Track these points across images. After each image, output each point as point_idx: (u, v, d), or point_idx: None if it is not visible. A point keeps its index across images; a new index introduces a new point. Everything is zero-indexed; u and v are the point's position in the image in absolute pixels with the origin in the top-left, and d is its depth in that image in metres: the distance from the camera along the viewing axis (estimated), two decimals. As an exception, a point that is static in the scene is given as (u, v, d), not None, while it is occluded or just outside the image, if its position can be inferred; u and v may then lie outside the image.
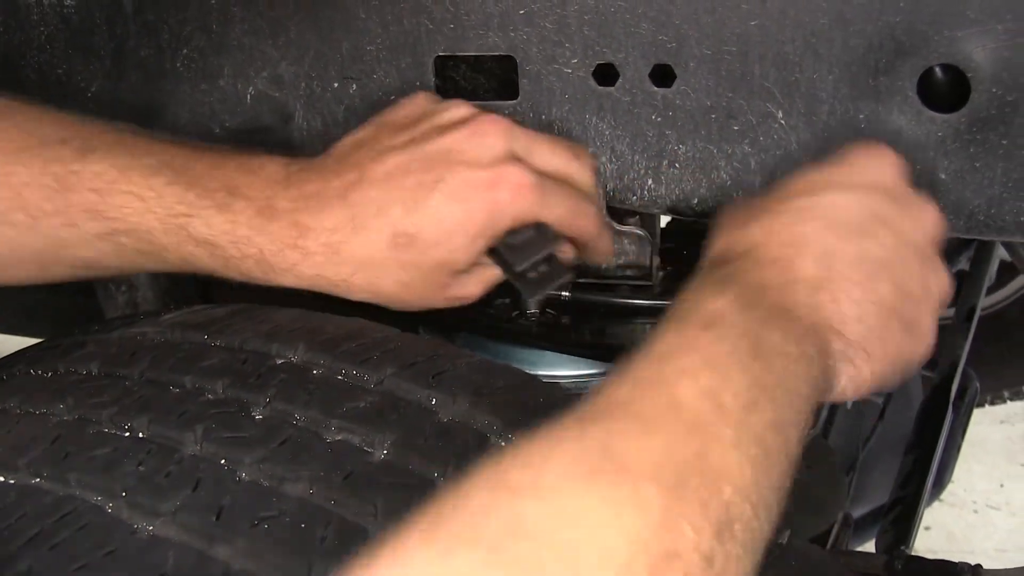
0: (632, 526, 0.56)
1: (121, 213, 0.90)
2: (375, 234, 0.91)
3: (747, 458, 0.64)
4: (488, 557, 0.54)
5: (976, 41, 0.89)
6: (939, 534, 2.66)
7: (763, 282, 0.77)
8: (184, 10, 1.05)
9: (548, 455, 0.60)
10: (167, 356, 0.89)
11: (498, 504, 0.57)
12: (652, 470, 0.59)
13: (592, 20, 0.96)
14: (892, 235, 0.82)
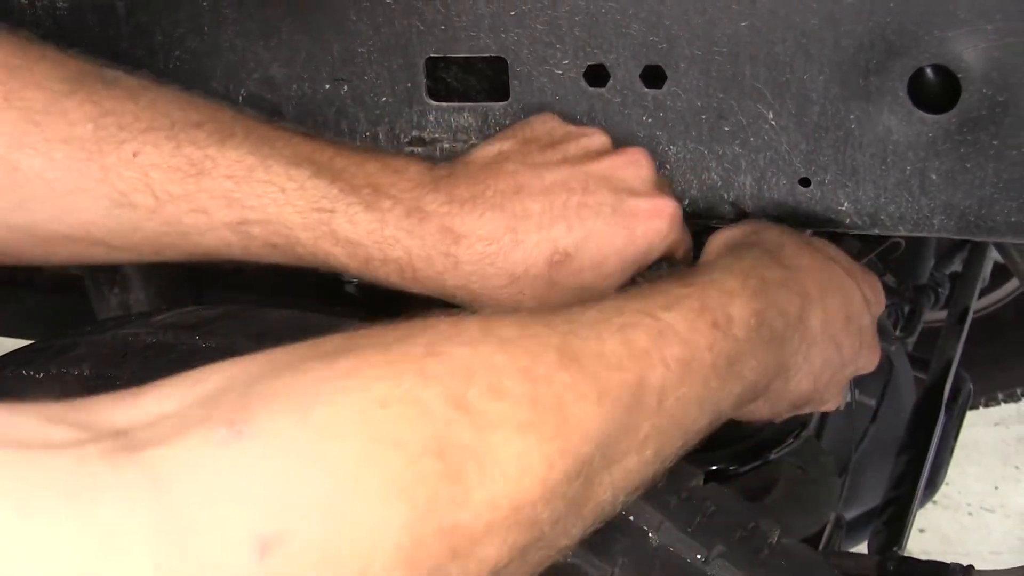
0: (516, 470, 0.60)
1: (259, 203, 0.86)
2: (536, 249, 0.89)
3: (640, 456, 0.70)
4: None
5: (966, 41, 0.89)
6: (934, 536, 2.67)
7: (784, 308, 0.86)
8: (176, 12, 1.05)
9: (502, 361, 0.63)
10: (158, 357, 0.89)
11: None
12: (580, 436, 0.64)
13: (583, 21, 0.96)
14: (854, 354, 0.97)
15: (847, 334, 0.94)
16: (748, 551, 0.79)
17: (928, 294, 1.75)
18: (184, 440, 0.52)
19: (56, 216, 0.85)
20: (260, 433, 0.53)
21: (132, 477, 0.49)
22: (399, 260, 0.88)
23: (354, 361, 0.60)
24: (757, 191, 0.99)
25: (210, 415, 0.54)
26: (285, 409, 0.55)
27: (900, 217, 0.97)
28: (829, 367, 0.93)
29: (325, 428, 0.55)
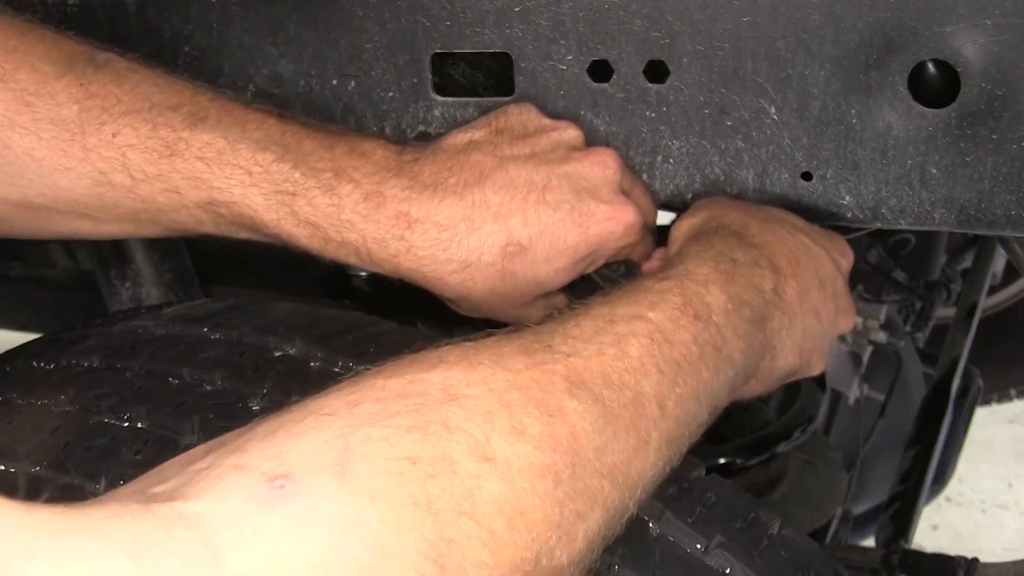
0: (539, 519, 0.62)
1: (226, 184, 0.90)
2: (489, 238, 0.91)
3: (654, 469, 0.72)
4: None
5: (965, 36, 0.89)
6: (947, 533, 2.66)
7: (760, 286, 0.87)
8: (185, 9, 1.06)
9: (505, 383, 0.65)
10: (167, 349, 0.90)
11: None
12: (590, 468, 0.65)
13: (586, 17, 0.97)
14: (832, 316, 0.97)
15: (823, 300, 0.95)
16: (748, 541, 0.79)
17: (939, 290, 1.75)
18: (224, 493, 0.53)
19: (44, 192, 0.89)
20: (302, 493, 0.54)
21: (185, 540, 0.50)
22: (355, 243, 0.91)
23: (375, 406, 0.61)
24: (759, 185, 1.00)
25: (244, 463, 0.55)
26: (322, 462, 0.56)
27: (901, 211, 0.97)
28: (811, 336, 0.94)
29: (364, 489, 0.56)
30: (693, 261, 0.85)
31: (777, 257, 0.91)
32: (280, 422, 0.60)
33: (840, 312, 0.99)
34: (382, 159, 0.92)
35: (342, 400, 0.61)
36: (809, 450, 1.36)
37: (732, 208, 0.97)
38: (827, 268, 0.96)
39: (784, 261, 0.92)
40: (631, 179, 0.99)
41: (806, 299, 0.93)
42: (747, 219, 0.94)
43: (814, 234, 0.98)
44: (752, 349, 0.85)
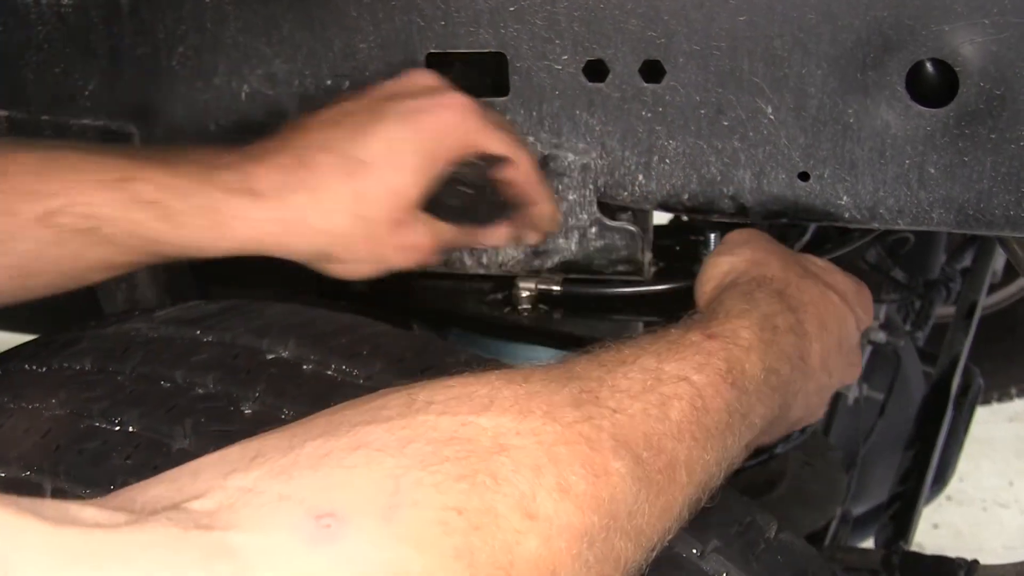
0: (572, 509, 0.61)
1: (61, 187, 0.88)
2: (326, 166, 0.91)
3: (669, 529, 0.71)
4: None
5: (964, 35, 0.89)
6: (947, 532, 2.66)
7: (790, 355, 0.87)
8: (179, 8, 1.05)
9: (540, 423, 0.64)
10: (159, 351, 0.89)
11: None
12: (618, 528, 0.65)
13: (582, 16, 0.96)
14: (840, 372, 0.98)
15: (838, 360, 0.96)
16: (744, 546, 0.78)
17: (939, 289, 1.75)
18: (269, 527, 0.52)
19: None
20: (349, 535, 0.53)
21: (220, 569, 0.49)
22: (204, 207, 0.90)
23: (426, 447, 0.60)
24: (756, 185, 0.99)
25: (289, 494, 0.54)
26: (372, 504, 0.55)
27: (899, 211, 0.97)
28: (821, 393, 0.95)
29: (410, 537, 0.55)
30: (739, 321, 0.84)
31: (809, 320, 0.91)
32: (329, 448, 0.58)
33: (849, 367, 0.99)
34: (216, 150, 0.94)
35: (393, 435, 0.60)
36: (808, 450, 1.36)
37: (772, 256, 0.96)
38: (849, 329, 0.97)
39: (814, 325, 0.92)
40: (456, 89, 0.98)
41: (825, 361, 0.93)
42: (788, 275, 0.93)
43: (843, 290, 0.98)
44: (771, 412, 0.84)
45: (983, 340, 1.69)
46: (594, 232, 1.06)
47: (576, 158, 1.02)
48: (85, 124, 1.12)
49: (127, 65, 1.09)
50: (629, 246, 1.06)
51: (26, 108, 1.14)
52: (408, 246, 0.94)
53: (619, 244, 1.06)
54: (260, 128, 1.07)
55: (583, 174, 1.03)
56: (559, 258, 1.08)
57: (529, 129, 1.02)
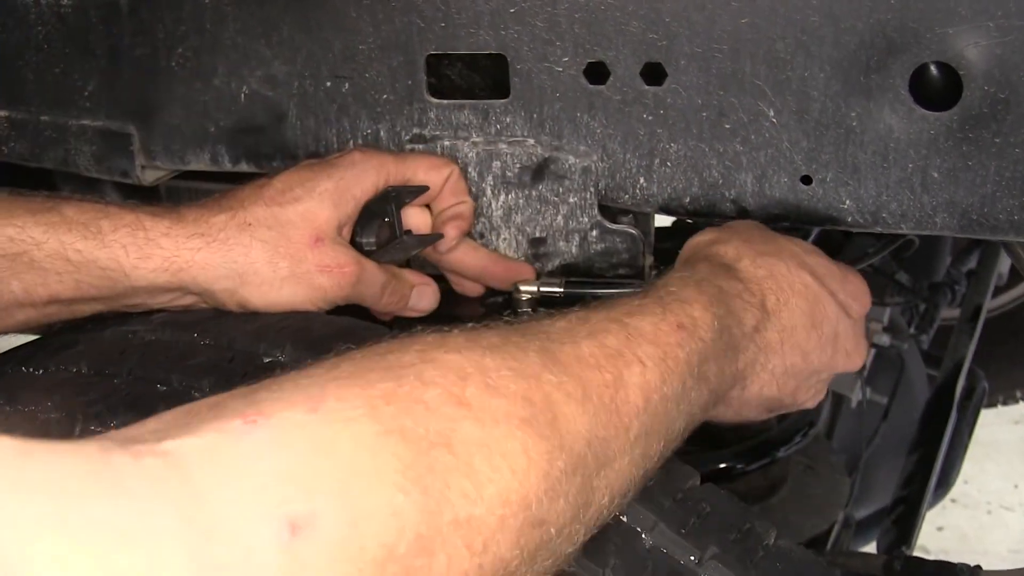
0: (524, 464, 0.62)
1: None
2: (248, 196, 0.95)
3: (631, 456, 0.71)
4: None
5: (968, 38, 0.88)
6: (952, 535, 2.65)
7: (741, 319, 0.87)
8: (179, 9, 1.05)
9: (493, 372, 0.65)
10: (156, 354, 0.89)
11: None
12: (571, 434, 0.66)
13: (583, 18, 0.95)
14: (829, 358, 0.97)
15: (815, 342, 0.94)
16: (743, 553, 0.78)
17: (944, 292, 1.74)
18: (199, 432, 0.53)
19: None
20: (274, 424, 0.55)
21: (152, 465, 0.50)
22: (130, 224, 0.91)
23: (353, 366, 0.62)
24: (758, 189, 0.98)
25: (220, 412, 0.55)
26: (295, 402, 0.57)
27: (902, 215, 0.96)
28: (793, 376, 0.94)
29: (337, 417, 0.57)
30: (676, 283, 0.85)
31: (765, 294, 0.91)
32: (262, 383, 0.61)
33: (840, 353, 0.98)
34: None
35: (322, 365, 0.63)
36: (810, 454, 1.35)
37: (737, 236, 0.95)
38: (827, 310, 0.95)
39: (772, 298, 0.91)
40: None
41: (790, 339, 0.92)
42: (742, 251, 0.93)
43: (823, 273, 0.96)
44: (724, 375, 0.84)
45: (988, 343, 1.68)
46: (595, 235, 1.05)
47: (577, 161, 1.02)
48: (84, 124, 1.12)
49: (126, 65, 1.09)
50: (630, 249, 1.06)
51: (25, 108, 1.13)
52: (331, 265, 0.95)
53: (620, 247, 1.06)
54: (259, 130, 1.07)
55: (584, 177, 1.02)
56: (560, 261, 1.07)
57: (530, 131, 1.02)
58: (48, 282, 0.91)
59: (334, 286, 0.95)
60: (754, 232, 0.97)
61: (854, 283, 1.00)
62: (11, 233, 0.89)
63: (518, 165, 1.03)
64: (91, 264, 0.90)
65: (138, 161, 1.12)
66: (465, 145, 1.04)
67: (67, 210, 0.91)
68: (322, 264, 0.94)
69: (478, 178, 1.05)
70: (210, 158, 1.10)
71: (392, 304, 1.01)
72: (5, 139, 1.15)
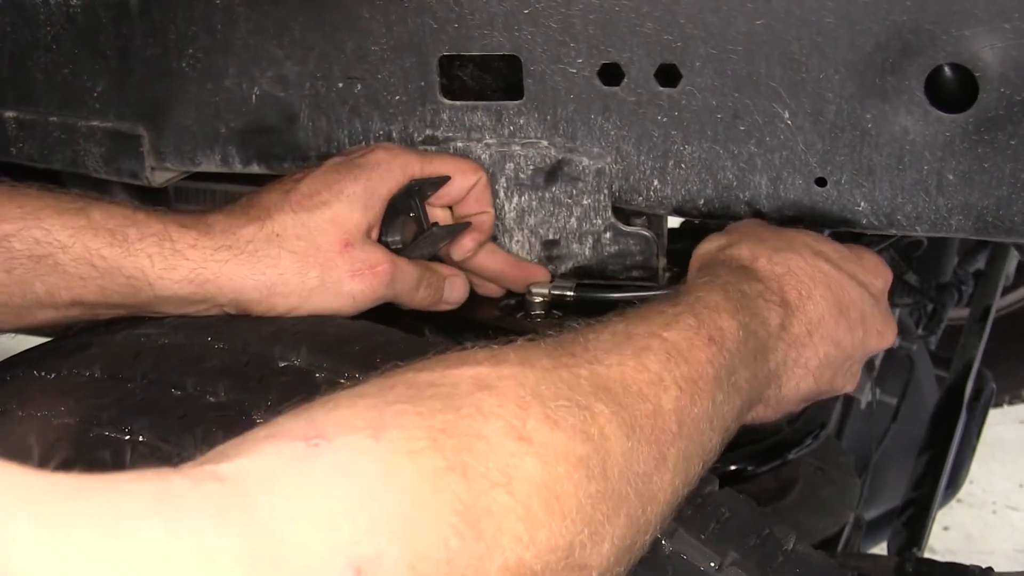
0: (574, 508, 0.61)
1: (20, 212, 0.89)
2: (274, 204, 0.94)
3: (672, 485, 0.71)
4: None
5: (984, 40, 0.88)
6: (958, 534, 2.65)
7: (765, 319, 0.87)
8: (190, 10, 1.04)
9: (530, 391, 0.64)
10: (170, 358, 0.88)
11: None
12: (617, 473, 0.65)
13: (597, 20, 0.95)
14: (861, 341, 0.95)
15: (844, 328, 0.93)
16: (762, 558, 0.78)
17: (951, 292, 1.74)
18: (260, 453, 0.52)
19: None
20: (337, 448, 0.54)
21: (215, 490, 0.49)
22: (157, 234, 0.90)
23: (410, 390, 0.61)
24: (773, 191, 0.98)
25: (281, 432, 0.55)
26: (356, 428, 0.56)
27: (917, 217, 0.96)
28: (829, 365, 0.93)
29: (400, 448, 0.56)
30: (703, 289, 0.85)
31: (786, 290, 0.90)
32: (315, 403, 0.60)
33: (871, 334, 0.97)
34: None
35: (374, 386, 0.62)
36: (821, 456, 1.34)
37: (742, 242, 0.95)
38: (850, 294, 0.94)
39: (793, 293, 0.91)
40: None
41: (819, 329, 0.91)
42: (757, 251, 0.93)
43: (838, 258, 0.95)
44: (756, 379, 0.84)
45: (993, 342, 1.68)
46: (608, 237, 1.05)
47: (591, 162, 1.01)
48: (94, 125, 1.12)
49: (136, 66, 1.08)
50: (644, 251, 1.05)
51: (35, 109, 1.13)
52: (362, 267, 0.94)
53: (634, 249, 1.05)
54: (271, 131, 1.06)
55: (597, 179, 1.02)
56: (573, 263, 1.07)
57: (543, 133, 1.01)
58: (72, 286, 0.90)
59: (366, 289, 0.94)
60: (763, 230, 0.97)
61: (870, 260, 0.99)
62: (38, 235, 0.89)
63: (531, 167, 1.03)
64: (116, 272, 0.90)
65: (148, 162, 1.11)
66: (478, 147, 1.03)
67: (95, 214, 0.90)
68: (354, 269, 0.93)
69: (491, 180, 1.04)
70: (220, 159, 1.10)
71: (427, 298, 1.00)
72: (14, 140, 1.14)
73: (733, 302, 0.83)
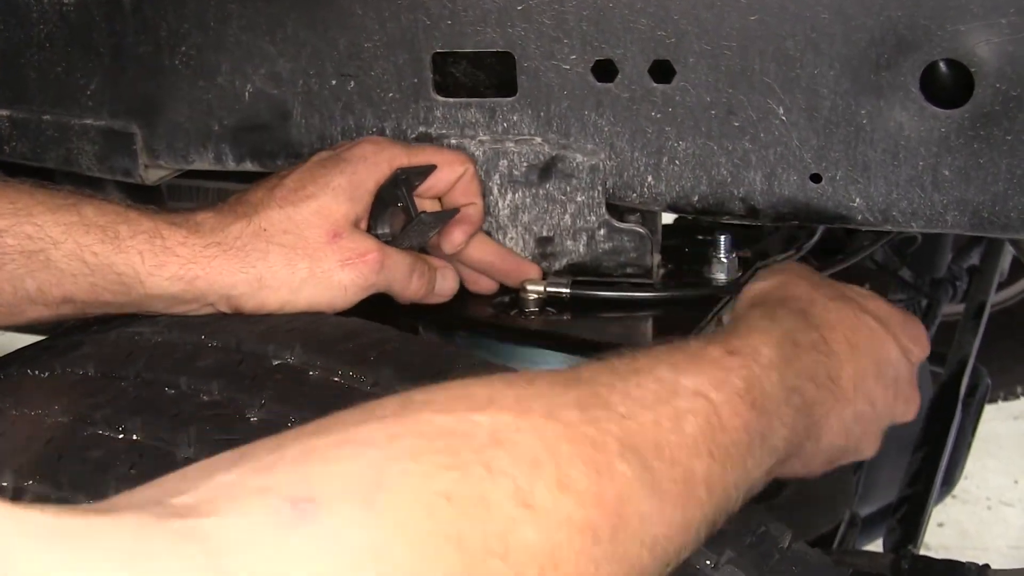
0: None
1: (12, 208, 0.89)
2: (261, 200, 0.94)
3: (692, 546, 0.69)
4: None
5: (980, 35, 0.87)
6: (952, 531, 2.64)
7: (815, 374, 0.85)
8: (182, 7, 1.04)
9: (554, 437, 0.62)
10: (163, 356, 0.88)
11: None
12: (631, 535, 0.63)
13: (590, 16, 0.95)
14: (891, 404, 0.94)
15: (880, 387, 0.92)
16: (758, 557, 0.77)
17: (946, 288, 1.73)
18: (245, 513, 0.51)
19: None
20: (325, 517, 0.52)
21: (194, 552, 0.48)
22: (148, 231, 0.91)
23: (417, 441, 0.59)
24: (767, 187, 0.98)
25: (269, 486, 0.53)
26: (349, 491, 0.54)
27: (912, 213, 0.95)
28: (861, 422, 0.91)
29: (391, 520, 0.54)
30: (758, 337, 0.82)
31: (837, 340, 0.89)
32: (314, 446, 0.57)
33: (900, 400, 0.95)
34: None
35: (384, 432, 0.59)
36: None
37: (800, 279, 0.94)
38: (890, 355, 0.93)
39: (843, 345, 0.89)
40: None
41: (861, 386, 0.90)
42: (814, 295, 0.91)
43: (886, 317, 0.95)
44: (795, 434, 0.82)
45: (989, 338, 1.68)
46: (602, 234, 1.05)
47: (584, 159, 1.01)
48: (87, 123, 1.11)
49: (129, 64, 1.08)
50: (638, 248, 1.05)
51: (28, 107, 1.13)
52: (352, 256, 0.94)
53: (628, 246, 1.05)
54: (264, 129, 1.06)
55: (591, 175, 1.02)
56: (567, 260, 1.06)
57: (537, 130, 1.01)
58: (63, 283, 0.90)
59: (357, 278, 0.94)
60: (815, 275, 0.96)
61: (914, 327, 0.98)
62: (30, 231, 0.89)
63: (525, 164, 1.03)
64: (107, 268, 0.89)
65: (141, 160, 1.11)
66: (472, 144, 1.03)
67: (87, 211, 0.90)
68: (343, 258, 0.93)
69: (485, 177, 1.04)
70: (214, 157, 1.09)
71: (420, 289, 0.99)
72: (7, 138, 1.14)
73: (785, 359, 0.81)
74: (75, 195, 0.92)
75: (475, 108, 1.02)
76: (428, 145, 1.03)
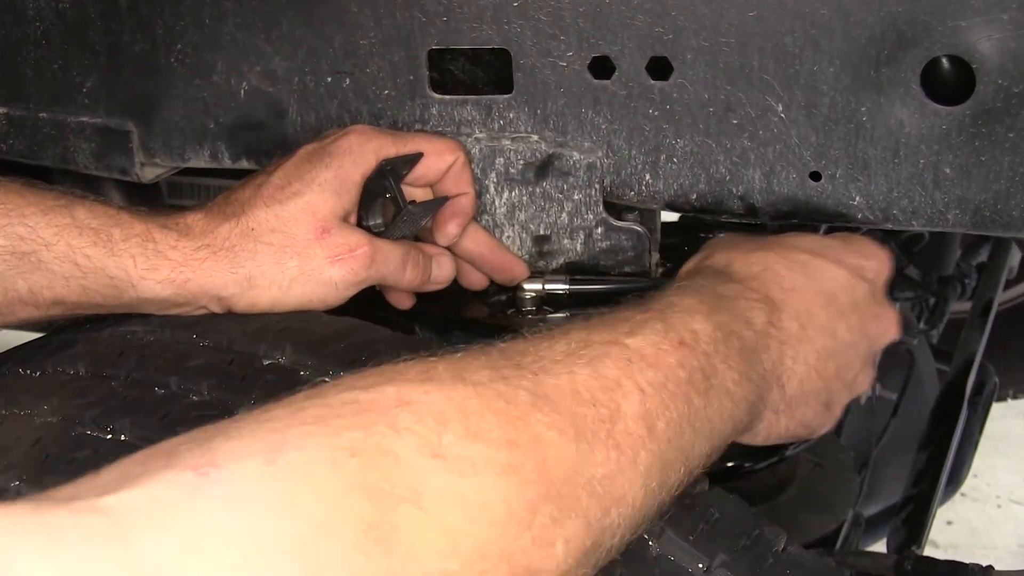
0: (504, 514, 0.59)
1: (2, 208, 0.89)
2: (248, 199, 0.93)
3: (645, 489, 0.68)
4: None
5: (981, 31, 0.86)
6: (962, 529, 2.63)
7: (748, 318, 0.85)
8: (178, 5, 1.04)
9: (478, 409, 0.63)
10: (154, 356, 0.88)
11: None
12: (562, 476, 0.63)
13: (587, 12, 0.94)
14: (858, 327, 0.93)
15: (837, 317, 0.91)
16: (752, 560, 0.76)
17: (954, 285, 1.72)
18: (147, 485, 0.51)
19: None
20: (228, 477, 0.52)
21: (92, 523, 0.47)
22: (140, 234, 0.90)
23: (321, 410, 0.59)
24: (766, 185, 0.97)
25: (172, 462, 0.53)
26: (251, 453, 0.54)
27: (913, 212, 0.94)
28: (831, 356, 0.90)
29: (296, 472, 0.54)
30: (675, 294, 0.83)
31: (768, 287, 0.88)
32: (219, 426, 0.58)
33: (869, 320, 0.94)
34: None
35: (287, 408, 0.60)
36: (819, 452, 1.33)
37: (717, 250, 0.94)
38: (836, 281, 0.92)
39: (775, 289, 0.89)
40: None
41: (811, 323, 0.89)
42: (731, 256, 0.92)
43: (818, 247, 0.94)
44: (750, 380, 0.81)
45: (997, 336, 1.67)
46: (600, 232, 1.04)
47: (581, 157, 1.00)
48: (83, 121, 1.11)
49: (125, 62, 1.07)
50: (636, 246, 1.04)
51: (24, 105, 1.12)
52: (341, 251, 0.93)
53: (626, 244, 1.04)
54: (260, 127, 1.06)
55: (589, 173, 1.01)
56: (564, 259, 1.06)
57: (533, 127, 1.00)
58: (54, 285, 0.90)
59: (348, 274, 0.93)
60: (737, 238, 0.96)
61: (858, 243, 0.96)
62: (22, 232, 0.88)
63: (522, 161, 1.02)
64: (99, 271, 0.89)
65: (137, 158, 1.11)
66: (468, 141, 1.02)
67: (79, 212, 0.90)
68: (332, 254, 0.92)
69: (481, 175, 1.03)
70: (210, 155, 1.09)
71: (415, 278, 0.98)
72: (3, 136, 1.14)
73: (708, 304, 0.82)
74: (66, 196, 0.91)
75: (471, 105, 1.01)
76: (418, 133, 1.02)
